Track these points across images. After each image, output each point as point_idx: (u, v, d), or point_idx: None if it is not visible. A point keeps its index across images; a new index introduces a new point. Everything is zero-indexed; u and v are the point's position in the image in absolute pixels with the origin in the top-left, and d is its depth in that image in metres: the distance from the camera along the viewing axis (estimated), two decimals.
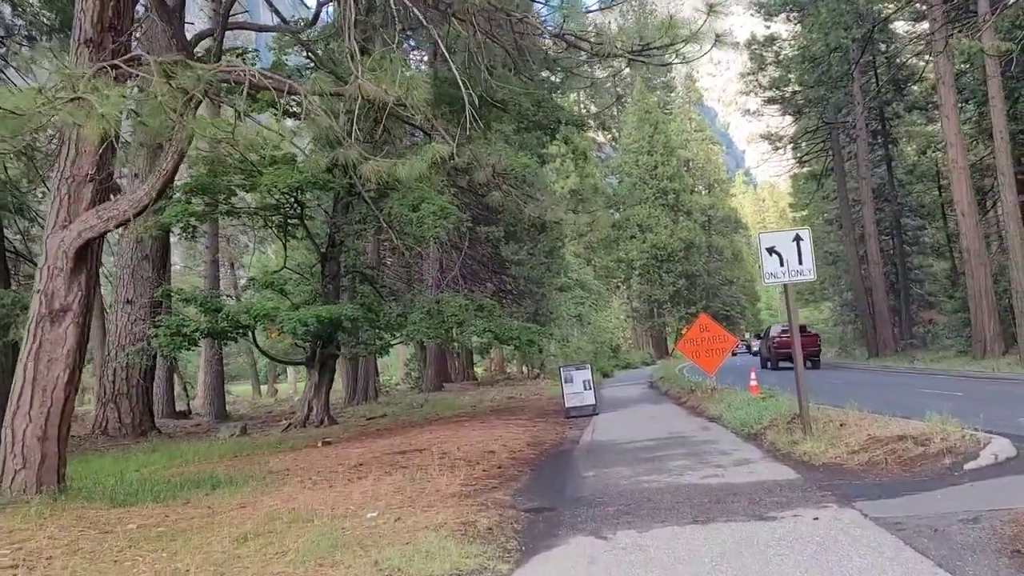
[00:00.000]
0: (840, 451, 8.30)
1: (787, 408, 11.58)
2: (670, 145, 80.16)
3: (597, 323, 59.82)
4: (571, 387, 17.75)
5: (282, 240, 19.85)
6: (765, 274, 9.84)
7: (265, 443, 17.22)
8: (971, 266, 24.19)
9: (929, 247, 41.33)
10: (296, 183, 16.26)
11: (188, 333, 15.99)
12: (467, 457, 10.65)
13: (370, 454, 11.87)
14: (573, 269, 52.07)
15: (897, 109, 38.17)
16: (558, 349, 43.98)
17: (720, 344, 17.71)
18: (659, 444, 11.07)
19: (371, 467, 10.22)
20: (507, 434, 13.72)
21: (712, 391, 17.48)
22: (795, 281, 9.81)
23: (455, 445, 12.18)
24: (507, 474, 9.32)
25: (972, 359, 24.55)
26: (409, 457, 11.05)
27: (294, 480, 9.60)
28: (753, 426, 11.25)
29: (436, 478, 8.86)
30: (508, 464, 10.11)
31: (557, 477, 9.02)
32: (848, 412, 10.29)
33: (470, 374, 43.15)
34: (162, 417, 27.37)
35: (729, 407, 13.88)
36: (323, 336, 18.65)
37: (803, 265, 9.74)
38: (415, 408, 23.57)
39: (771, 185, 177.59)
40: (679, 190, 78.31)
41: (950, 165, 24.94)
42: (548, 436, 13.74)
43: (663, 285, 75.36)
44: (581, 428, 14.98)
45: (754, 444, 10.18)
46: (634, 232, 75.97)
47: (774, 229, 9.99)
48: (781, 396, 13.03)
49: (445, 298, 17.40)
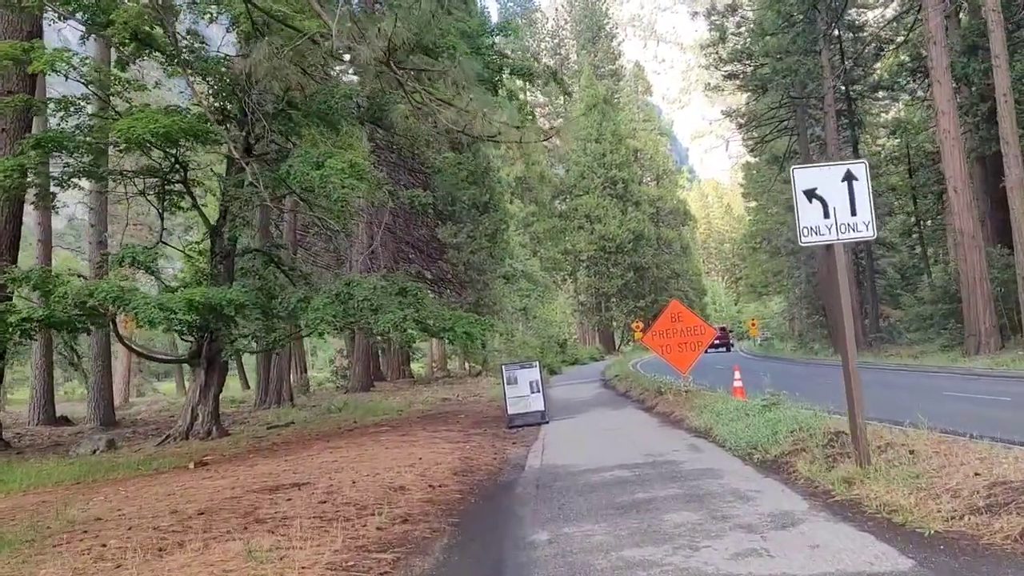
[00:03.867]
0: (946, 505, 5.12)
1: (806, 422, 8.48)
2: (619, 133, 77.73)
3: (543, 316, 56.89)
4: (515, 390, 14.42)
5: (159, 210, 16.09)
6: (802, 229, 6.63)
7: (126, 463, 13.68)
8: (964, 249, 21.54)
9: (892, 235, 39.11)
10: (162, 129, 12.55)
11: (14, 323, 12.19)
12: (360, 501, 7.24)
13: (231, 491, 8.38)
14: (519, 259, 48.92)
15: (863, 89, 35.83)
16: (502, 344, 40.76)
17: (695, 337, 14.58)
18: (638, 476, 7.81)
19: (212, 521, 6.75)
20: (430, 455, 10.34)
21: (686, 394, 14.37)
22: (848, 240, 6.62)
23: (353, 476, 8.76)
24: (411, 538, 5.93)
25: (962, 355, 21.96)
26: (278, 500, 7.60)
27: (77, 546, 6.08)
28: (768, 448, 8.07)
29: (295, 549, 5.46)
30: (418, 515, 6.73)
31: (490, 548, 5.65)
32: (909, 432, 7.16)
33: (406, 371, 39.50)
34: (37, 424, 23.57)
35: (718, 417, 10.74)
36: (208, 328, 15.00)
37: (858, 217, 6.57)
38: (331, 413, 19.97)
39: (715, 182, 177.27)
40: (628, 180, 75.86)
41: (941, 136, 22.21)
42: (484, 457, 10.39)
43: (611, 278, 72.88)
44: (528, 444, 11.68)
45: (779, 479, 6.98)
46: (582, 223, 73.43)
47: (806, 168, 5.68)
48: (787, 403, 9.93)
49: (356, 279, 13.85)
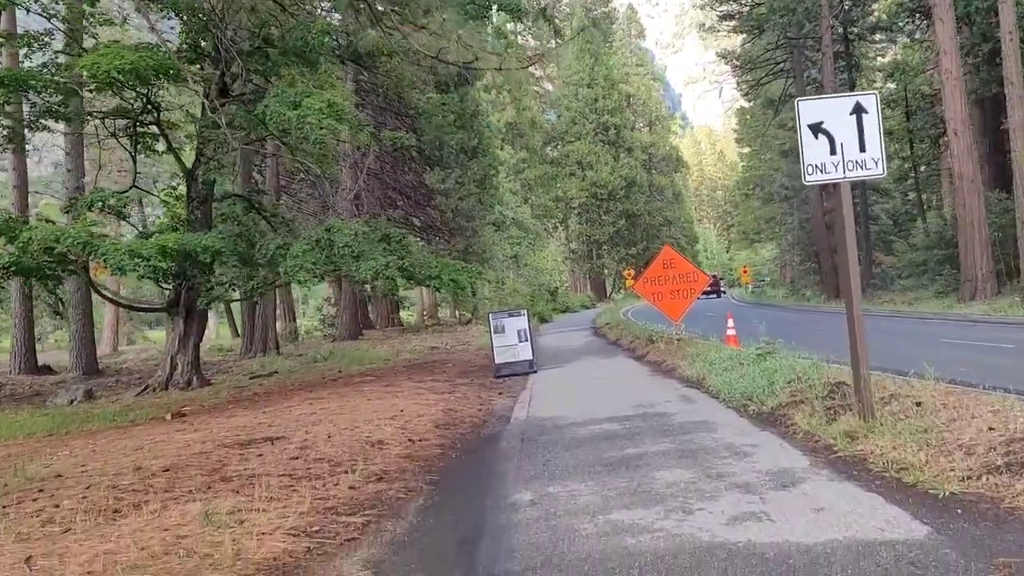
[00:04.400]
0: (960, 462, 4.74)
1: (804, 372, 8.10)
2: (611, 78, 76.30)
3: (534, 264, 56.47)
4: (502, 339, 14.03)
5: (131, 153, 15.43)
6: (806, 167, 6.13)
7: (102, 414, 13.33)
8: (963, 193, 21.03)
9: (886, 180, 38.48)
10: (128, 66, 11.85)
11: None
12: (335, 457, 6.86)
13: (201, 445, 7.99)
14: (509, 206, 48.21)
15: (861, 31, 34.84)
16: (492, 292, 40.34)
17: (688, 284, 14.16)
18: (628, 430, 7.45)
19: (177, 479, 6.37)
20: (413, 406, 9.97)
21: (678, 342, 14.02)
22: (855, 178, 6.14)
23: (331, 429, 8.38)
24: (385, 498, 5.55)
25: (958, 301, 21.65)
26: (249, 455, 7.22)
27: (28, 506, 5.69)
28: (764, 400, 7.70)
29: (257, 512, 5.08)
30: (395, 472, 6.35)
31: (468, 509, 5.27)
32: (913, 382, 6.78)
33: (395, 319, 39.15)
34: (19, 373, 23.29)
35: (711, 366, 10.38)
36: (185, 275, 14.49)
37: (867, 153, 6.08)
38: (316, 363, 19.61)
39: (708, 128, 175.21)
40: (620, 125, 74.74)
41: (942, 76, 21.54)
42: (468, 409, 10.03)
43: (603, 225, 72.31)
44: (514, 395, 11.33)
45: (776, 433, 6.61)
46: (573, 169, 72.53)
47: (815, 99, 5.04)
48: (783, 352, 9.56)
49: (337, 225, 13.31)
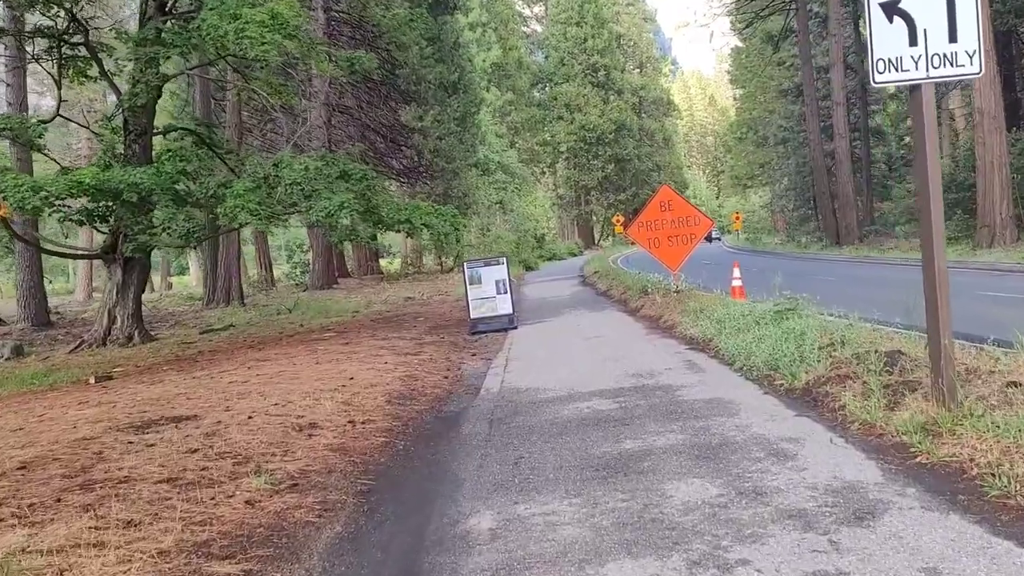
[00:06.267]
0: None
1: (843, 335, 6.55)
2: (601, 16, 73.34)
3: (521, 210, 54.60)
4: (478, 290, 12.41)
5: (55, 78, 13.49)
6: (876, 62, 4.45)
7: (22, 375, 11.77)
8: (983, 131, 19.38)
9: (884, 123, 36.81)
10: None
11: None
12: (246, 448, 5.27)
13: (90, 427, 6.39)
14: (495, 150, 46.10)
15: None
16: (476, 239, 38.64)
17: (688, 228, 12.54)
18: (624, 409, 5.90)
19: (26, 483, 4.78)
20: (367, 372, 8.38)
21: (676, 294, 12.45)
22: (943, 79, 4.48)
23: (256, 404, 6.79)
24: (290, 522, 3.94)
25: (973, 248, 20.14)
26: (139, 445, 5.62)
27: None
28: (795, 372, 6.13)
29: (96, 549, 3.50)
30: (317, 474, 4.77)
31: (404, 537, 3.66)
32: (996, 353, 5.23)
33: (374, 268, 37.44)
34: None
35: (719, 325, 8.80)
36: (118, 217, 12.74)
37: (959, 44, 4.41)
38: (279, 315, 17.97)
39: (699, 73, 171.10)
40: (610, 67, 72.11)
41: None
42: (432, 376, 8.45)
43: (592, 170, 70.31)
44: (489, 357, 9.76)
45: (819, 420, 5.06)
46: (561, 112, 70.19)
47: None
48: (807, 308, 7.98)
49: (286, 160, 11.52)
